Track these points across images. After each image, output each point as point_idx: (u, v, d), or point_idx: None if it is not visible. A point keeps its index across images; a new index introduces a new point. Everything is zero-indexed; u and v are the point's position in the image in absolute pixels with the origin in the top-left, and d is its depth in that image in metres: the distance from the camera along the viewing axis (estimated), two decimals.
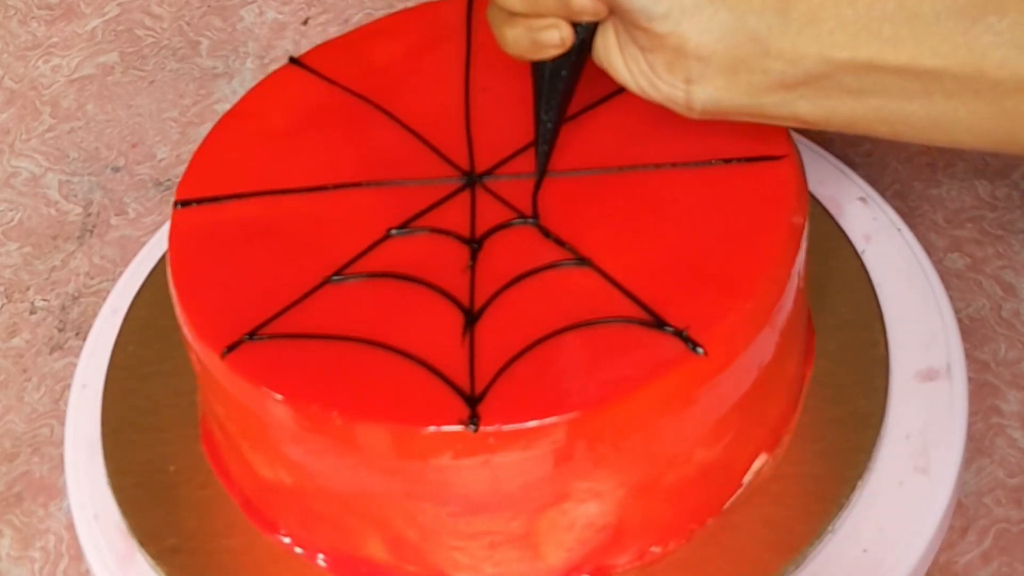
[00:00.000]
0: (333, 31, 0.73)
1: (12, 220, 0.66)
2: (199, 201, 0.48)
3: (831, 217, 0.55)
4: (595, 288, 0.43)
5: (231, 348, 0.43)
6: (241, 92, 0.61)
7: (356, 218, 0.47)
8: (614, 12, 0.43)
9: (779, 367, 0.46)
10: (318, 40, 0.66)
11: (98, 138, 0.69)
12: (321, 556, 0.46)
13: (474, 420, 0.40)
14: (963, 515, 0.49)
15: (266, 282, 0.45)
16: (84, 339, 0.56)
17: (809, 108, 0.42)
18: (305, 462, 0.44)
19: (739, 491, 0.46)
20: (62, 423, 0.54)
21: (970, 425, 0.49)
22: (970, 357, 0.52)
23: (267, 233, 0.47)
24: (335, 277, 0.45)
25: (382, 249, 0.46)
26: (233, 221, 0.48)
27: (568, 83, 0.46)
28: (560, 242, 0.45)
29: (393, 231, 0.46)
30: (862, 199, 0.56)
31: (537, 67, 0.46)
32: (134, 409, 0.52)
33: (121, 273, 0.59)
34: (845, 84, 0.41)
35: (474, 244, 0.45)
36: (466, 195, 0.47)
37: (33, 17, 0.77)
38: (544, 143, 0.47)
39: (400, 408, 0.41)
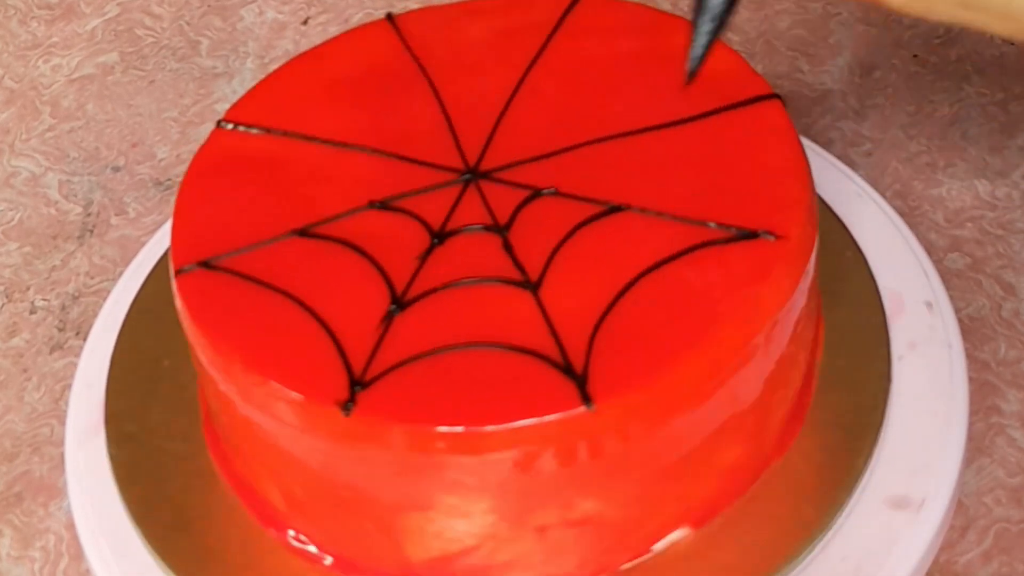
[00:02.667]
0: (333, 31, 0.73)
1: (12, 220, 0.66)
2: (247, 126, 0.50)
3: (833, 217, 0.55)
4: (523, 314, 0.42)
5: (182, 272, 0.45)
6: (241, 92, 0.61)
7: (349, 180, 0.47)
8: None
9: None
10: (318, 40, 0.66)
11: (98, 138, 0.69)
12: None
13: (349, 405, 0.40)
14: (963, 515, 0.49)
15: (244, 220, 0.46)
16: (84, 339, 0.56)
17: None
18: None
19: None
20: (62, 423, 0.54)
21: (970, 425, 0.49)
22: (970, 357, 0.52)
23: (270, 166, 0.48)
24: (298, 231, 0.46)
25: (358, 217, 0.46)
26: (243, 154, 0.49)
27: None
28: (516, 261, 0.44)
29: (374, 203, 0.46)
30: (862, 199, 0.56)
31: None
32: (134, 408, 0.52)
33: (121, 273, 0.59)
34: None
35: (436, 239, 0.45)
36: (457, 189, 0.47)
37: (33, 17, 0.77)
38: (711, 20, 0.40)
39: (295, 375, 0.42)
